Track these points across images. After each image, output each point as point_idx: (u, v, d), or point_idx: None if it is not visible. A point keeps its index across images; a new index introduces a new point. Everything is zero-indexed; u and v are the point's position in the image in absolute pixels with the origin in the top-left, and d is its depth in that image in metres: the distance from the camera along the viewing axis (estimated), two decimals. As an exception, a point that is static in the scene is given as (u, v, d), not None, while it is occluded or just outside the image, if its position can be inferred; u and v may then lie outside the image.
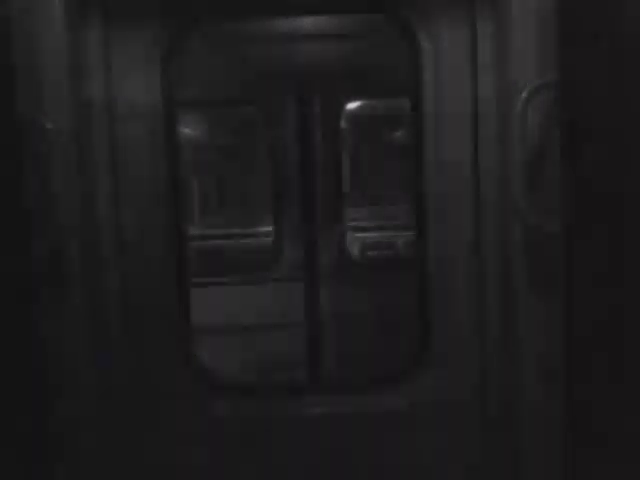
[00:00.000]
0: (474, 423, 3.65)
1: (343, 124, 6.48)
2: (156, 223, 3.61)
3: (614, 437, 2.23)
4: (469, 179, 3.52)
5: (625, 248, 2.16)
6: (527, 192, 2.87)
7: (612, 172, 2.17)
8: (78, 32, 3.34)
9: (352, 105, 6.57)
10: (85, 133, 3.38)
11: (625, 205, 2.15)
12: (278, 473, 3.72)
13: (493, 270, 3.49)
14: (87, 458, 3.18)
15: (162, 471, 3.67)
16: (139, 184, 3.58)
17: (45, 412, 2.27)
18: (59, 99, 3.08)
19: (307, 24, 4.67)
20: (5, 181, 2.16)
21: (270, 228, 6.57)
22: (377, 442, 3.71)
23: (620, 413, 2.19)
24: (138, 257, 3.60)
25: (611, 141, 2.19)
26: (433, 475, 3.68)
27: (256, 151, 6.96)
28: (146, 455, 3.66)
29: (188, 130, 6.71)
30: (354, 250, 6.76)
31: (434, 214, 3.58)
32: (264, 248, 6.61)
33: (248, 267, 6.58)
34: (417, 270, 3.73)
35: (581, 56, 2.25)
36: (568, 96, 2.29)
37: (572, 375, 2.39)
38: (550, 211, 2.73)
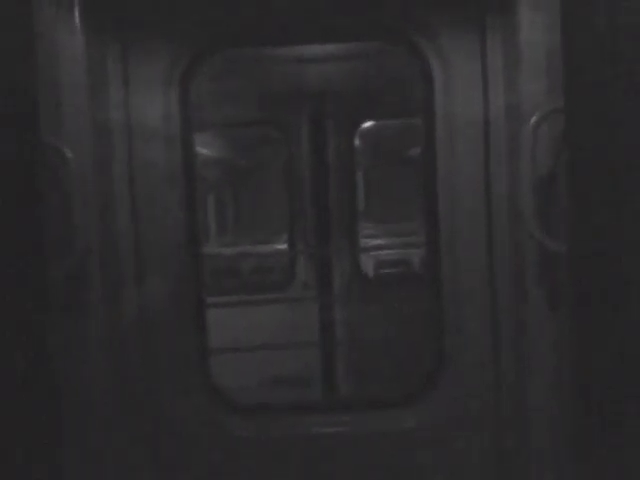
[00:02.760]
0: (488, 442, 3.65)
1: (357, 143, 6.54)
2: (174, 243, 3.65)
3: (626, 453, 2.25)
4: (481, 198, 3.55)
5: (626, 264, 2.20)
6: (537, 212, 2.90)
7: (614, 199, 2.21)
8: (97, 55, 3.40)
9: (367, 124, 6.63)
10: (103, 155, 3.43)
11: (625, 230, 2.19)
12: None
13: (506, 289, 3.51)
14: (92, 467, 3.21)
15: None
16: (157, 204, 3.63)
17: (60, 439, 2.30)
18: (78, 123, 3.14)
19: (322, 47, 4.74)
20: (24, 205, 2.21)
21: (285, 247, 6.62)
22: (390, 461, 3.72)
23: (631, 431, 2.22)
24: (156, 277, 3.65)
25: (613, 168, 2.23)
26: None
27: (271, 170, 7.02)
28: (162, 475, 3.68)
29: (205, 150, 6.79)
30: (368, 268, 6.79)
31: (446, 234, 3.61)
32: (279, 266, 6.66)
33: (263, 286, 6.62)
34: (430, 289, 3.75)
35: (586, 86, 2.29)
36: (573, 125, 2.33)
37: (586, 390, 2.42)
38: (560, 231, 2.76)
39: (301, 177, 6.14)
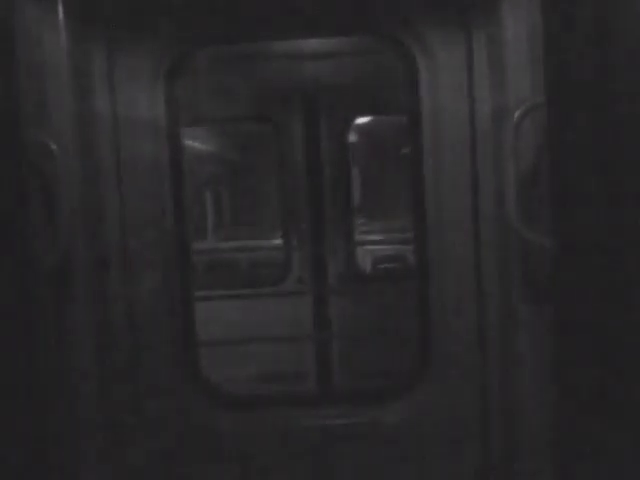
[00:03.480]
0: (474, 436, 3.67)
1: (352, 139, 6.55)
2: (162, 237, 3.66)
3: (608, 453, 2.27)
4: (467, 194, 3.56)
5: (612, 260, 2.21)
6: (521, 207, 2.92)
7: (599, 187, 2.22)
8: (82, 50, 3.40)
9: (361, 120, 6.64)
10: (90, 150, 3.44)
11: (612, 219, 2.20)
12: None
13: (492, 285, 3.53)
14: (87, 466, 3.23)
15: None
16: (145, 199, 3.63)
17: (45, 418, 2.32)
18: (63, 117, 3.15)
19: (311, 43, 4.76)
20: (9, 199, 2.23)
21: (280, 242, 6.64)
22: (383, 453, 3.74)
23: (614, 428, 2.23)
24: (144, 273, 3.67)
25: (597, 158, 2.24)
26: None
27: (266, 166, 7.04)
28: (156, 470, 3.70)
29: (198, 146, 6.81)
30: (364, 263, 6.80)
31: (433, 229, 3.62)
32: (274, 262, 6.67)
33: (258, 280, 6.64)
34: (419, 284, 3.77)
35: (567, 78, 2.30)
36: (554, 117, 2.34)
37: (567, 388, 2.43)
38: (543, 226, 2.77)
39: (295, 173, 6.15)
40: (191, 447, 3.73)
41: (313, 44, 4.80)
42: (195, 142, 6.84)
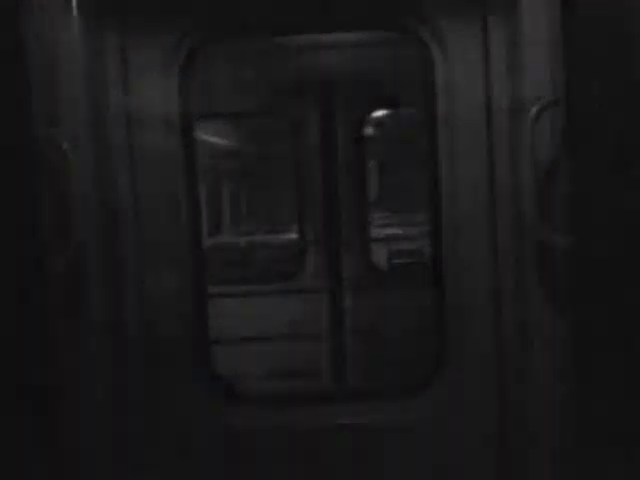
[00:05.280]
0: (489, 438, 3.63)
1: (367, 133, 6.51)
2: (175, 233, 3.64)
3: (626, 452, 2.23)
4: (483, 191, 3.52)
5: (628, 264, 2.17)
6: (537, 207, 2.87)
7: (615, 188, 2.18)
8: (95, 44, 3.38)
9: (377, 114, 6.61)
10: (102, 145, 3.42)
11: (628, 220, 2.16)
12: None
13: (508, 285, 3.48)
14: (102, 464, 3.22)
15: None
16: (158, 195, 3.61)
17: (55, 421, 2.32)
18: (76, 112, 3.12)
19: (327, 36, 4.72)
20: (20, 196, 2.22)
21: (295, 237, 6.62)
22: (393, 454, 3.71)
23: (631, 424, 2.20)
24: (158, 268, 3.65)
25: (614, 156, 2.20)
26: None
27: (281, 161, 7.02)
28: (169, 468, 3.69)
29: (214, 140, 6.80)
30: (379, 259, 6.77)
31: (449, 226, 3.58)
32: (289, 257, 6.66)
33: (273, 276, 6.63)
34: (434, 281, 3.73)
35: (586, 75, 2.26)
36: (573, 114, 2.30)
37: (585, 389, 2.40)
38: (559, 226, 2.72)
39: (311, 167, 6.12)
40: (205, 444, 3.72)
41: (329, 37, 4.76)
42: (211, 137, 6.84)
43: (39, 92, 2.49)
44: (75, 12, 3.10)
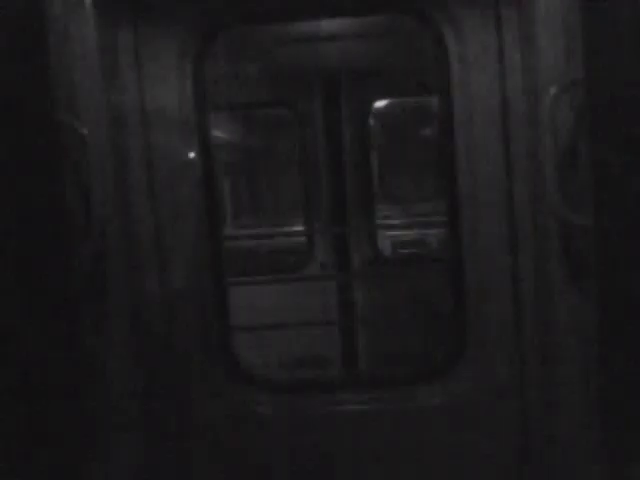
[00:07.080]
0: (510, 419, 3.64)
1: (372, 122, 6.50)
2: (192, 224, 3.65)
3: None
4: (501, 176, 3.51)
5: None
6: (559, 187, 2.87)
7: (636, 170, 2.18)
8: (109, 36, 3.38)
9: (381, 103, 6.59)
10: (118, 136, 3.42)
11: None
12: (312, 469, 3.75)
13: (528, 266, 3.48)
14: (122, 458, 3.23)
15: (199, 470, 3.72)
16: (174, 186, 3.62)
17: (84, 412, 2.32)
18: (92, 103, 3.13)
19: (335, 24, 4.70)
20: (43, 186, 2.21)
21: (302, 228, 6.62)
22: (409, 439, 3.72)
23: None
24: (175, 258, 3.66)
25: (635, 139, 2.19)
26: (465, 473, 3.68)
27: (287, 152, 7.00)
28: (187, 455, 3.71)
29: (219, 132, 6.78)
30: (385, 248, 6.77)
31: (467, 212, 3.57)
32: (296, 247, 6.65)
33: (281, 266, 6.62)
34: (450, 268, 3.73)
35: (607, 56, 2.25)
36: (596, 95, 2.29)
37: (608, 371, 2.40)
38: (582, 205, 2.72)
39: (317, 157, 6.12)
40: (223, 430, 3.74)
41: (334, 25, 4.74)
42: (213, 129, 6.80)
43: (59, 80, 2.49)
44: (89, 4, 3.11)
